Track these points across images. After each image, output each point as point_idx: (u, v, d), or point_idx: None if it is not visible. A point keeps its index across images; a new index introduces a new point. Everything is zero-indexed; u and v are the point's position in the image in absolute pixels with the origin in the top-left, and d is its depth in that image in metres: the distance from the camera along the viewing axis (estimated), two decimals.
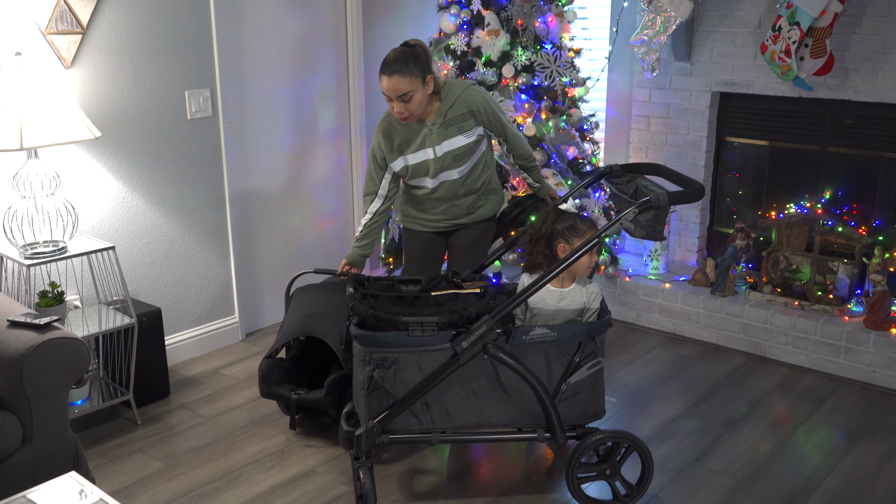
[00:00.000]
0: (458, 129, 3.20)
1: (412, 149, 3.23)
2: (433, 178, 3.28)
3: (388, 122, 3.26)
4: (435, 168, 3.24)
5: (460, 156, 3.23)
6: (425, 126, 3.20)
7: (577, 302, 2.89)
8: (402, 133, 3.23)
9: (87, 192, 3.60)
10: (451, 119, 3.19)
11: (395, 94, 3.05)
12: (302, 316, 3.29)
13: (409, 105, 3.07)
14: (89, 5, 3.45)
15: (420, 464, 3.19)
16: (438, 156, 3.22)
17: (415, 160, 3.24)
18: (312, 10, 4.43)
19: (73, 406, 3.33)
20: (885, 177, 4.12)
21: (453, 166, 3.25)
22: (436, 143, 3.20)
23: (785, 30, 3.91)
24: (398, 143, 3.24)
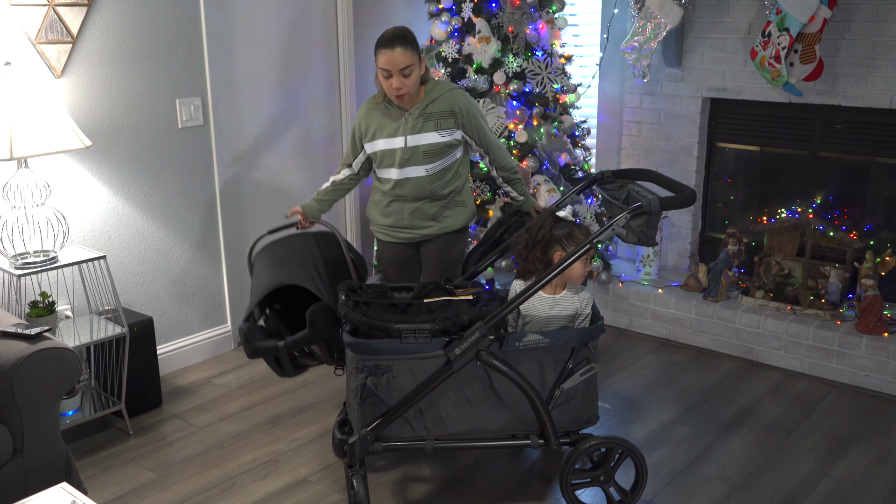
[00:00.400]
0: (435, 125, 3.17)
1: (385, 134, 3.20)
2: (399, 169, 3.20)
3: (371, 104, 3.26)
4: (402, 157, 3.17)
5: (430, 153, 3.18)
6: (401, 115, 3.18)
7: (569, 308, 2.89)
8: (380, 118, 3.21)
9: (78, 202, 3.59)
10: (431, 114, 3.17)
11: (397, 67, 3.03)
12: (268, 270, 3.13)
13: (406, 80, 3.07)
14: (79, 15, 3.44)
15: (414, 471, 3.18)
16: (408, 146, 3.17)
17: (385, 146, 3.20)
18: (303, 18, 4.44)
19: (64, 416, 3.31)
20: (876, 181, 4.14)
21: (421, 162, 3.18)
22: (409, 132, 3.16)
23: (774, 36, 3.93)
24: (374, 127, 3.22)
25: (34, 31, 3.33)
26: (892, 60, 3.85)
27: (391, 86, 3.08)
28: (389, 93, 3.13)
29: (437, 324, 2.62)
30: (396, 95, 3.11)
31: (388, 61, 3.04)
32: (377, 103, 3.24)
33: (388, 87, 3.10)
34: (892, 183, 4.10)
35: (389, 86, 3.09)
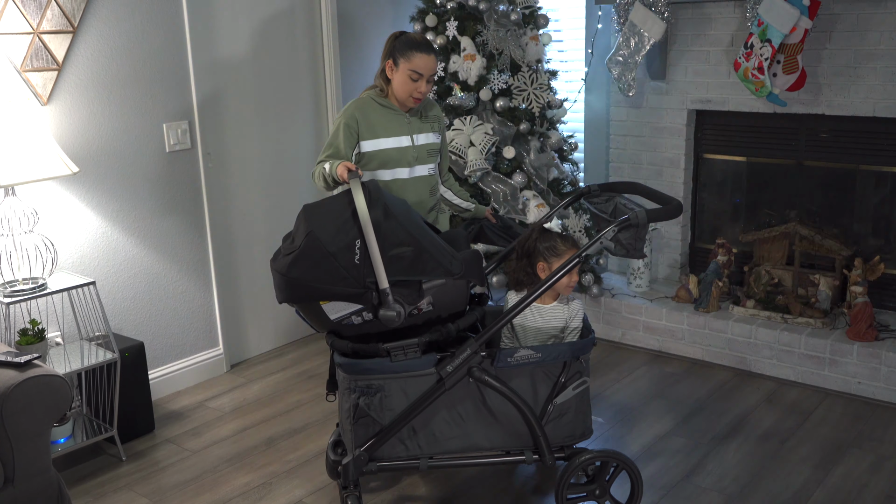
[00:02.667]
0: (431, 127, 3.25)
1: (390, 133, 3.15)
2: (409, 168, 3.18)
3: (363, 104, 3.16)
4: (412, 156, 3.18)
5: (432, 152, 3.25)
6: (403, 116, 3.17)
7: (559, 319, 2.89)
8: (380, 117, 3.15)
9: (67, 228, 3.58)
10: (427, 116, 3.24)
11: (430, 72, 3.07)
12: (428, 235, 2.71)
13: (429, 87, 3.12)
14: (64, 42, 3.45)
15: (409, 491, 3.17)
16: (417, 144, 3.19)
17: (393, 144, 3.15)
18: (289, 40, 4.46)
19: (56, 444, 3.29)
20: (862, 189, 4.17)
21: (426, 161, 3.22)
22: (415, 132, 3.19)
23: (757, 47, 3.96)
24: (373, 126, 3.13)
25: (19, 59, 3.33)
26: (873, 69, 3.89)
27: (416, 88, 3.08)
28: (409, 94, 3.10)
29: (425, 336, 2.62)
30: (416, 98, 3.12)
31: (425, 65, 3.06)
32: (373, 101, 3.16)
33: (412, 88, 3.09)
34: (878, 190, 4.13)
35: (415, 88, 3.08)
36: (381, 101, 3.15)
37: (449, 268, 2.62)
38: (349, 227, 2.54)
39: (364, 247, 2.52)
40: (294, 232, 2.65)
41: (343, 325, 2.67)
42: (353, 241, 2.53)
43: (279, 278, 2.57)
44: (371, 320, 2.63)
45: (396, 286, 2.56)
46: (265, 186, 4.47)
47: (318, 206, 2.67)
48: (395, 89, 3.12)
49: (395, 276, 2.55)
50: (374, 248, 2.50)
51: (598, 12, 4.66)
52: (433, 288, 2.64)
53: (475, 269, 2.72)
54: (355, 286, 2.54)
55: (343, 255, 2.52)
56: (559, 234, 2.90)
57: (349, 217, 2.56)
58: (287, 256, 2.55)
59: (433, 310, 2.66)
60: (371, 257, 2.51)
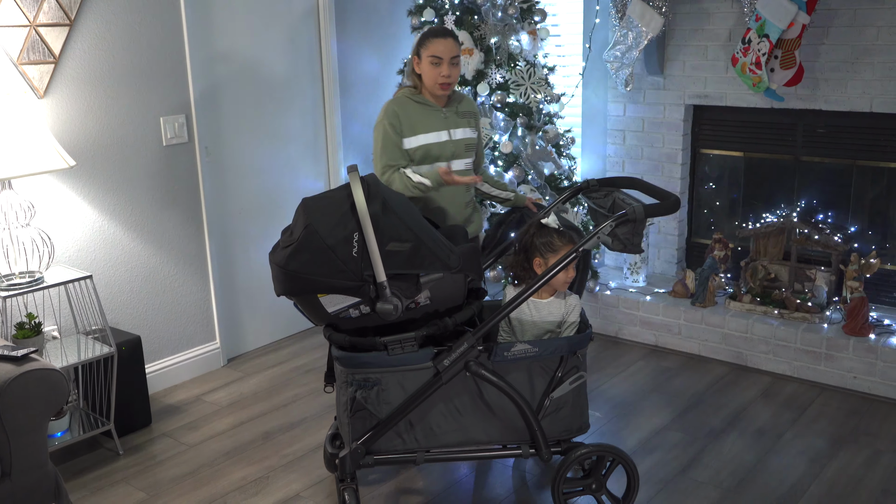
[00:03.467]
0: (467, 122, 3.33)
1: (429, 129, 3.24)
2: (448, 162, 3.28)
3: (401, 102, 3.26)
4: (451, 150, 3.27)
5: (469, 147, 3.34)
6: (440, 111, 3.26)
7: (556, 314, 2.90)
8: (417, 114, 3.23)
9: (63, 222, 3.57)
10: (462, 112, 3.32)
11: (449, 55, 3.15)
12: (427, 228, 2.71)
13: (454, 70, 3.18)
14: (61, 35, 3.44)
15: (406, 484, 3.18)
16: (455, 139, 3.28)
17: (432, 139, 3.23)
18: (287, 33, 4.45)
19: (52, 438, 3.29)
20: (859, 184, 4.17)
21: (464, 155, 3.32)
22: (452, 127, 3.28)
23: (755, 42, 3.96)
24: (412, 122, 3.22)
25: (16, 52, 3.32)
26: (870, 64, 3.89)
27: (440, 73, 3.16)
28: (435, 80, 3.18)
29: (422, 330, 2.62)
30: (442, 84, 3.18)
31: (442, 49, 3.14)
32: (409, 100, 3.25)
33: (435, 74, 3.17)
34: (874, 185, 4.13)
35: (438, 73, 3.17)
36: (416, 99, 3.25)
37: (447, 262, 2.62)
38: (347, 221, 2.54)
39: (362, 240, 2.52)
40: (293, 225, 2.65)
41: (340, 319, 2.67)
42: (351, 235, 2.53)
43: (277, 271, 2.57)
44: (368, 314, 2.63)
45: (394, 280, 2.56)
46: (262, 180, 4.46)
47: (317, 199, 2.67)
48: (425, 81, 3.22)
49: (392, 269, 2.55)
50: (371, 242, 2.50)
51: (595, 7, 4.65)
52: (431, 282, 2.64)
53: (473, 263, 2.72)
54: (353, 279, 2.54)
55: (341, 248, 2.52)
56: (556, 229, 2.90)
57: (347, 210, 2.56)
58: (285, 249, 2.56)
59: (431, 304, 2.67)
60: (369, 250, 2.51)
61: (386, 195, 2.62)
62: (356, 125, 4.88)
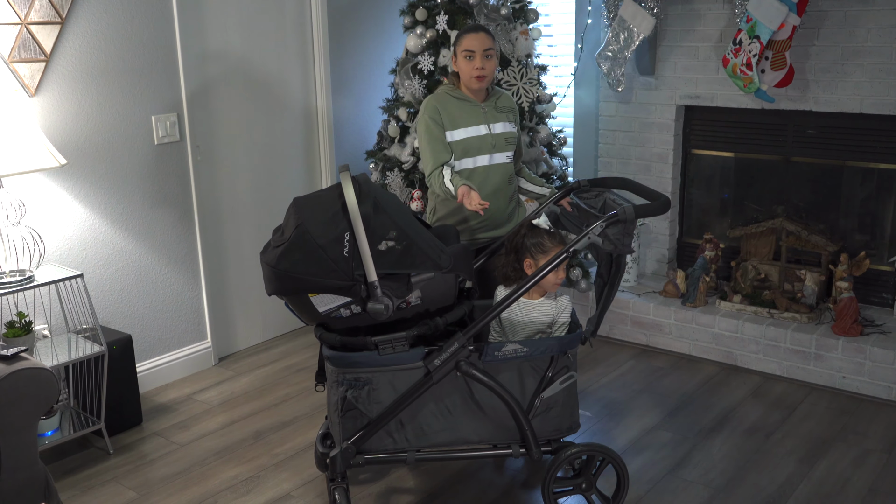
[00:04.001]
0: (506, 117, 3.41)
1: (469, 123, 3.34)
2: (488, 156, 3.36)
3: (440, 98, 3.37)
4: (491, 143, 3.35)
5: (509, 140, 3.41)
6: (479, 106, 3.36)
7: (547, 315, 2.91)
8: (457, 109, 3.34)
9: (54, 220, 3.57)
10: (501, 107, 3.41)
11: (482, 47, 3.25)
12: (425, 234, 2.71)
13: (488, 63, 3.28)
14: (52, 33, 3.43)
15: (397, 483, 3.18)
16: (494, 133, 3.36)
17: (472, 133, 3.34)
18: (278, 32, 4.45)
19: (43, 437, 3.29)
20: (848, 185, 4.19)
21: (505, 149, 3.39)
22: (491, 121, 3.36)
23: (745, 43, 3.98)
24: (453, 117, 3.33)
25: (7, 50, 3.31)
26: (860, 66, 3.91)
27: (474, 66, 3.26)
28: (471, 74, 3.29)
29: (413, 330, 2.62)
30: (477, 76, 3.27)
31: (474, 42, 3.26)
32: (448, 95, 3.37)
33: (470, 68, 3.28)
34: (864, 186, 4.16)
35: (472, 67, 3.27)
36: (454, 94, 3.37)
37: (438, 262, 2.63)
38: (339, 220, 2.55)
39: (353, 240, 2.53)
40: (284, 224, 2.66)
41: (331, 318, 2.67)
42: (342, 234, 2.53)
43: (268, 270, 2.57)
44: (359, 313, 2.64)
45: (385, 279, 2.57)
46: (254, 179, 4.46)
47: (309, 198, 2.67)
48: (462, 77, 3.34)
49: (383, 269, 2.56)
50: (362, 241, 2.51)
51: (587, 7, 4.66)
52: (422, 281, 2.65)
53: (464, 263, 2.73)
54: (344, 279, 2.54)
55: (332, 247, 2.52)
56: (547, 230, 2.91)
57: (339, 210, 2.56)
58: (276, 248, 2.56)
59: (422, 303, 2.67)
60: (360, 250, 2.52)
61: (377, 195, 2.62)
62: (348, 124, 4.88)
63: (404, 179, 4.49)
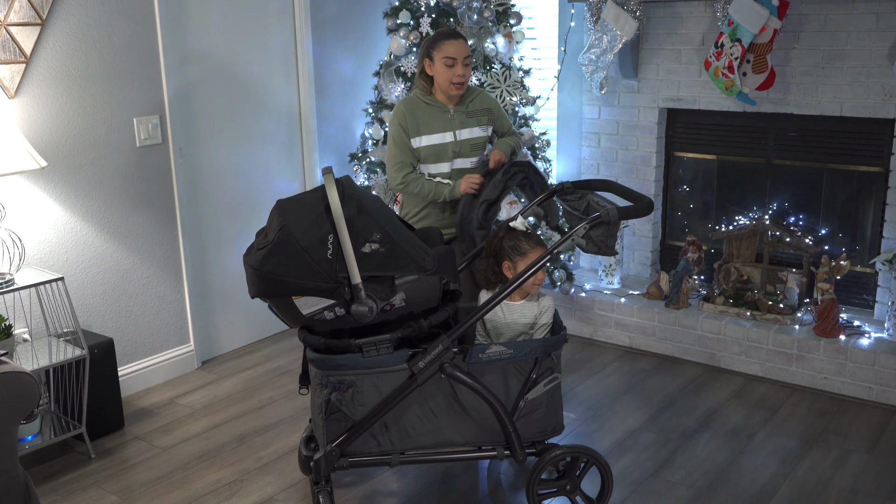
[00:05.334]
0: (477, 121, 3.45)
1: (432, 130, 3.41)
2: (450, 163, 3.44)
3: (411, 103, 3.44)
4: (453, 151, 3.42)
5: (476, 146, 3.48)
6: (447, 112, 3.42)
7: (529, 316, 2.91)
8: (424, 116, 3.42)
9: (34, 223, 3.54)
10: (472, 111, 3.45)
11: (462, 55, 3.33)
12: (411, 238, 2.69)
13: (467, 70, 3.34)
14: (32, 34, 3.41)
15: (381, 486, 3.17)
16: (458, 139, 3.42)
17: (434, 141, 3.42)
18: (261, 34, 4.43)
19: (23, 442, 3.25)
20: (829, 187, 4.23)
21: (469, 155, 3.46)
22: (457, 128, 3.42)
23: (727, 46, 4.00)
24: (419, 124, 3.43)
25: None
26: (840, 69, 3.95)
27: (454, 74, 3.33)
28: (449, 81, 3.34)
29: (397, 332, 2.62)
30: (457, 83, 3.34)
31: (456, 50, 3.31)
32: (419, 100, 3.43)
33: (449, 75, 3.33)
34: (845, 188, 4.19)
35: (452, 74, 3.33)
36: (426, 100, 3.43)
37: (422, 264, 2.63)
38: (322, 222, 2.54)
39: (337, 242, 2.52)
40: (267, 227, 2.64)
41: (315, 321, 2.66)
42: (325, 236, 2.52)
43: (252, 272, 2.56)
44: (343, 316, 2.63)
45: (369, 281, 2.56)
46: (237, 182, 4.44)
47: (292, 201, 2.66)
48: (438, 83, 3.38)
49: (367, 271, 2.55)
50: (346, 243, 2.50)
51: (570, 10, 4.68)
52: (406, 284, 2.64)
53: (448, 265, 2.73)
54: (328, 281, 2.53)
55: (316, 249, 2.51)
56: (524, 232, 2.92)
57: (322, 212, 2.55)
58: (260, 251, 2.55)
59: (406, 306, 2.67)
60: (343, 252, 2.51)
61: (361, 197, 2.62)
62: (331, 126, 4.87)
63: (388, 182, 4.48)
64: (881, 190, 4.05)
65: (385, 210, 2.74)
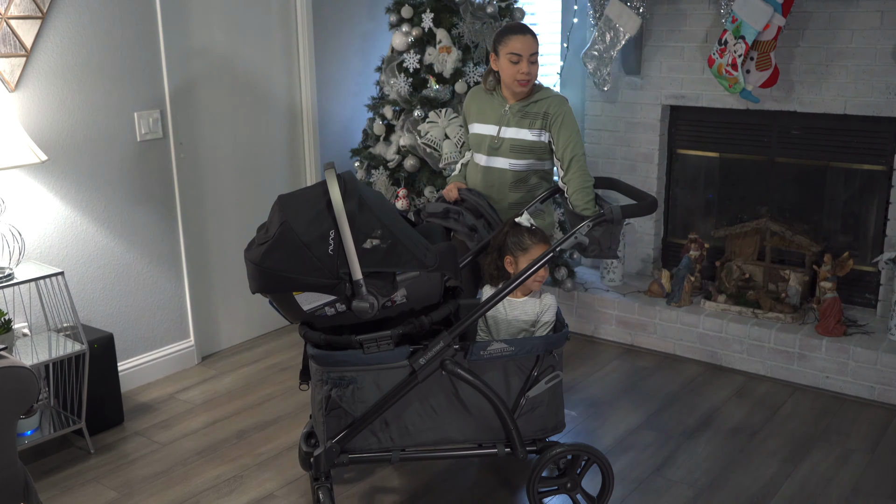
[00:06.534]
0: (529, 123, 3.27)
1: (483, 120, 3.36)
2: (486, 157, 3.36)
3: (476, 90, 3.44)
4: (490, 145, 3.33)
5: (517, 148, 3.29)
6: (504, 106, 3.31)
7: (530, 313, 2.90)
8: (482, 104, 3.38)
9: (34, 218, 3.52)
10: (528, 112, 3.28)
11: (528, 51, 3.18)
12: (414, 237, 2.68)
13: (533, 68, 3.21)
14: (33, 28, 3.39)
15: (381, 483, 3.16)
16: (501, 136, 3.31)
17: (479, 130, 3.37)
18: (263, 30, 4.41)
19: (22, 437, 3.24)
20: (832, 185, 4.21)
21: (508, 155, 3.31)
22: (504, 124, 3.30)
23: (731, 43, 3.99)
24: (475, 111, 3.40)
25: None
26: (844, 67, 3.93)
27: (518, 70, 3.20)
28: (514, 78, 3.22)
29: (399, 329, 2.61)
30: (521, 81, 3.21)
31: (521, 46, 3.18)
32: (482, 88, 3.41)
33: (514, 71, 3.20)
34: (848, 187, 4.17)
35: (517, 71, 3.20)
36: (488, 90, 3.37)
37: (423, 260, 2.61)
38: (323, 218, 2.53)
39: (338, 237, 2.51)
40: (268, 222, 2.63)
41: (316, 317, 2.65)
42: (326, 232, 2.51)
43: (252, 268, 2.55)
44: (344, 312, 2.62)
45: (370, 278, 2.55)
46: (238, 177, 4.43)
47: (293, 196, 2.65)
48: (503, 78, 3.26)
49: (368, 267, 2.54)
50: (347, 239, 2.49)
51: (573, 6, 4.66)
52: (407, 280, 2.63)
53: (449, 262, 2.72)
54: (329, 277, 2.52)
55: (317, 245, 2.50)
56: (528, 228, 2.91)
57: (324, 208, 2.54)
58: (261, 246, 2.54)
59: (407, 302, 2.65)
60: (345, 248, 2.50)
61: (362, 193, 2.60)
62: (333, 121, 4.85)
63: (389, 178, 4.48)
64: (884, 188, 4.03)
65: (386, 206, 2.73)
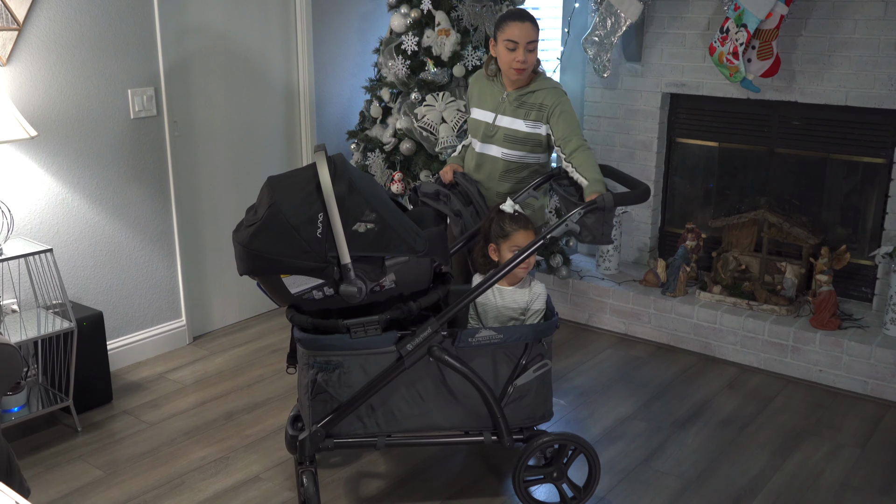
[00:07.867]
0: (525, 114, 3.22)
1: (481, 106, 3.33)
2: (481, 143, 3.33)
3: (478, 75, 3.41)
4: (485, 132, 3.30)
5: (512, 138, 3.24)
6: (502, 93, 3.26)
7: (520, 301, 2.87)
8: (483, 90, 3.35)
9: (24, 194, 3.49)
10: (525, 102, 3.22)
11: (525, 39, 3.11)
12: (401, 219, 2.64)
13: (529, 56, 3.15)
14: (25, 1, 3.35)
15: (367, 468, 3.15)
16: (494, 123, 3.27)
17: (476, 116, 3.35)
18: (260, 7, 4.37)
19: (9, 413, 3.23)
20: (831, 177, 4.17)
21: (501, 144, 3.27)
22: (500, 112, 3.26)
23: (732, 32, 3.94)
24: (476, 95, 3.37)
25: None
26: (846, 57, 3.88)
27: (514, 58, 3.14)
28: (510, 65, 3.16)
29: (386, 314, 2.58)
30: (517, 69, 3.15)
31: (519, 33, 3.11)
32: (484, 73, 3.37)
33: (510, 59, 3.15)
34: (847, 179, 4.14)
35: (512, 59, 3.14)
36: (489, 76, 3.33)
37: (413, 245, 2.59)
38: (312, 200, 2.50)
39: (326, 220, 2.48)
40: (257, 203, 2.61)
41: (303, 300, 2.63)
42: (315, 215, 2.48)
43: (240, 250, 2.52)
44: (332, 296, 2.59)
45: (359, 262, 2.52)
46: (232, 156, 4.39)
47: (283, 178, 2.62)
48: (500, 65, 3.22)
49: (357, 251, 2.51)
50: (336, 222, 2.46)
51: None
52: (396, 265, 2.60)
53: (439, 247, 2.69)
54: (317, 260, 2.50)
55: (305, 228, 2.47)
56: (510, 214, 2.88)
57: (313, 190, 2.51)
58: (249, 228, 2.51)
59: (395, 287, 2.63)
60: (333, 231, 2.47)
61: (353, 175, 2.57)
62: (330, 103, 4.81)
63: (385, 161, 4.44)
64: (884, 182, 4.00)
65: (377, 189, 2.69)
